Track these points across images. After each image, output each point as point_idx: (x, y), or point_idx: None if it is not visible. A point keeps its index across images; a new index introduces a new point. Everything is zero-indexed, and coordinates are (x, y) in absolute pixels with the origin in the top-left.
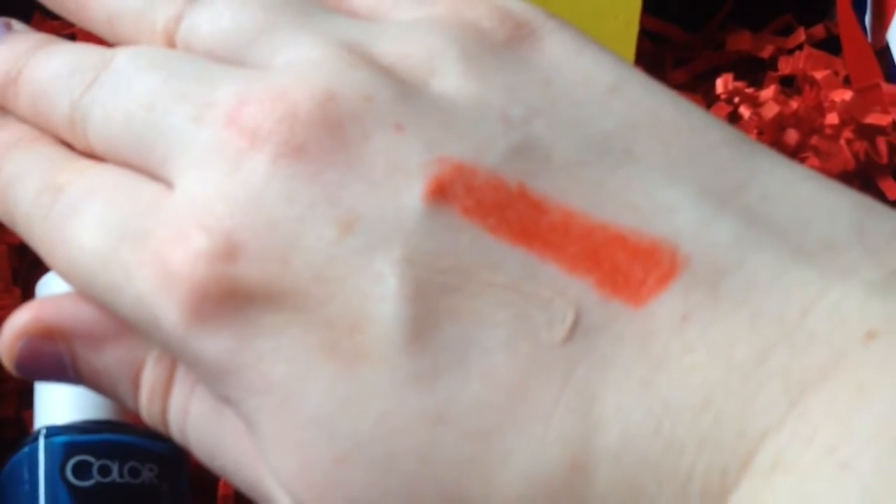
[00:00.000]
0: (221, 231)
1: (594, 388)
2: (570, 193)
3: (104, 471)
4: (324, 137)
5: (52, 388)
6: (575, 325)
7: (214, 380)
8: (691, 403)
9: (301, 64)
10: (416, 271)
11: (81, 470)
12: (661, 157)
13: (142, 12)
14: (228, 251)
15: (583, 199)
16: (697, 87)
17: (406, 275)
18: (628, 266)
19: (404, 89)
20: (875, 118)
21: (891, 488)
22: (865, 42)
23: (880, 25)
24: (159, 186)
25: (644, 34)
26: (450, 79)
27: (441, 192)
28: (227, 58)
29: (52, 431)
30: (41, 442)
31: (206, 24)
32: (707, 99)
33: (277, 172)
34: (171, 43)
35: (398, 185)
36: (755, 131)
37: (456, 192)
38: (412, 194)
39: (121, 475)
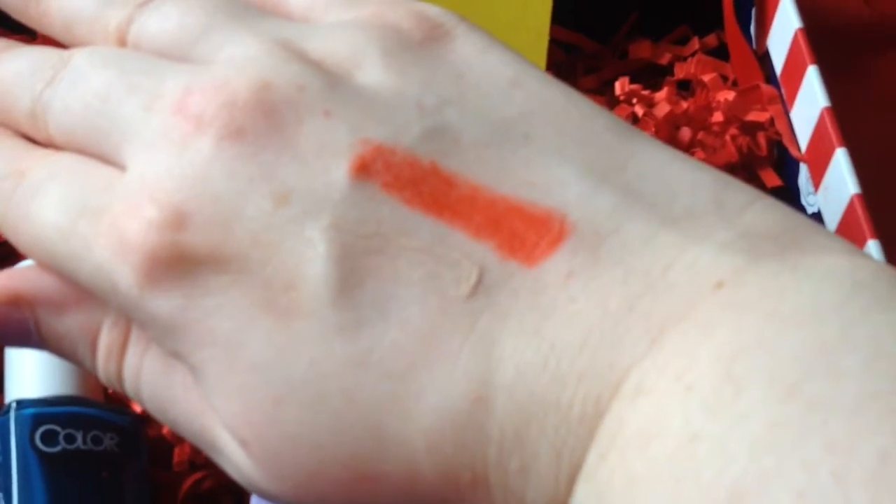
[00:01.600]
0: (170, 203)
1: (494, 335)
2: (477, 171)
3: (69, 439)
4: (261, 121)
5: (22, 367)
6: (478, 282)
7: (166, 336)
8: (572, 344)
9: (240, 59)
10: (343, 237)
11: (49, 438)
12: (554, 140)
13: (95, 17)
14: (177, 221)
15: (487, 175)
16: (605, 92)
17: (333, 240)
18: (524, 232)
19: (332, 80)
20: (755, 115)
21: (724, 402)
22: (748, 49)
23: (762, 33)
24: (114, 169)
25: (557, 44)
26: (372, 72)
27: (364, 169)
28: (174, 55)
29: (22, 404)
30: (12, 414)
31: (154, 26)
32: (610, 102)
33: (220, 152)
34: (122, 43)
35: (327, 163)
36: (652, 129)
37: (377, 169)
38: (339, 171)
39: (84, 443)
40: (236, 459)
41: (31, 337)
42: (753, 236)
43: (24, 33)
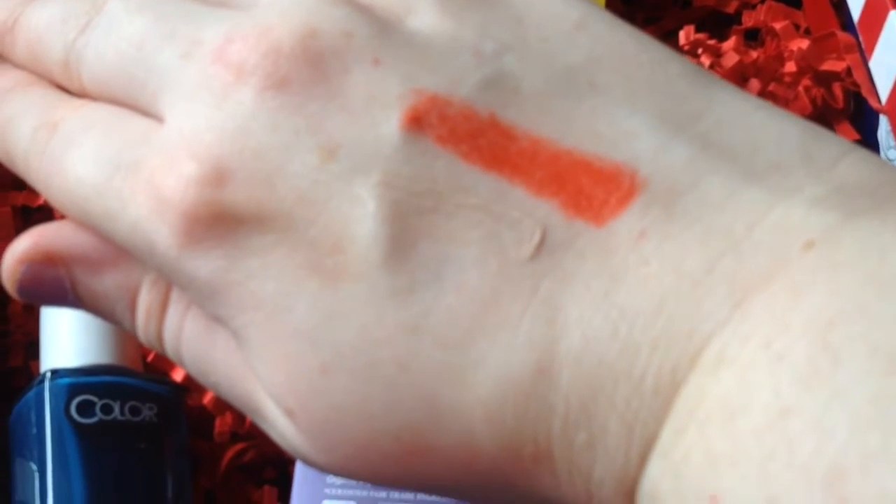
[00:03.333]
0: (210, 159)
1: (558, 300)
2: (538, 122)
3: (106, 409)
4: (306, 71)
5: (57, 336)
6: (541, 243)
7: (206, 299)
8: (645, 309)
9: (283, 3)
10: (394, 194)
11: (85, 408)
12: (623, 89)
13: None
14: (217, 177)
15: (549, 127)
16: (667, 43)
17: (384, 197)
18: (591, 188)
19: (382, 26)
20: (831, 65)
21: (818, 373)
22: None
23: None
24: (150, 121)
25: None
26: (425, 17)
27: (417, 122)
28: (215, 0)
29: (57, 374)
30: (46, 384)
31: None
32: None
33: (263, 104)
34: None
35: (376, 115)
36: None
37: (431, 121)
38: (390, 124)
39: (122, 413)
40: (282, 428)
41: (66, 296)
42: (847, 191)
43: None
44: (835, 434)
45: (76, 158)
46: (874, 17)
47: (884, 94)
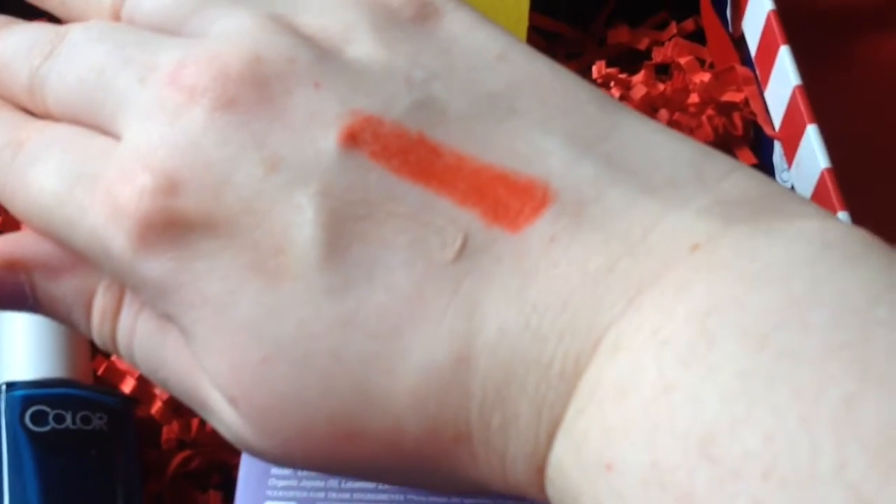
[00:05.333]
0: (163, 171)
1: (478, 297)
2: (463, 141)
3: (59, 419)
4: (252, 92)
5: (12, 350)
6: (463, 247)
7: (158, 298)
8: (554, 304)
9: (233, 32)
10: (331, 202)
11: (39, 418)
12: (538, 112)
13: None
14: (170, 187)
15: (473, 145)
16: (585, 77)
17: (322, 205)
18: (508, 199)
19: (323, 53)
20: (731, 96)
21: (696, 354)
22: (724, 32)
23: (738, 17)
24: (109, 139)
25: (536, 32)
26: (362, 46)
27: (352, 139)
28: (168, 29)
29: (13, 386)
30: (3, 395)
31: (148, 1)
32: None
33: (212, 122)
34: (117, 18)
35: (316, 132)
36: None
37: (365, 138)
38: (328, 140)
39: (74, 422)
40: (226, 417)
41: (26, 300)
42: (730, 203)
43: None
44: (708, 405)
45: (39, 172)
46: (768, 52)
47: (777, 121)
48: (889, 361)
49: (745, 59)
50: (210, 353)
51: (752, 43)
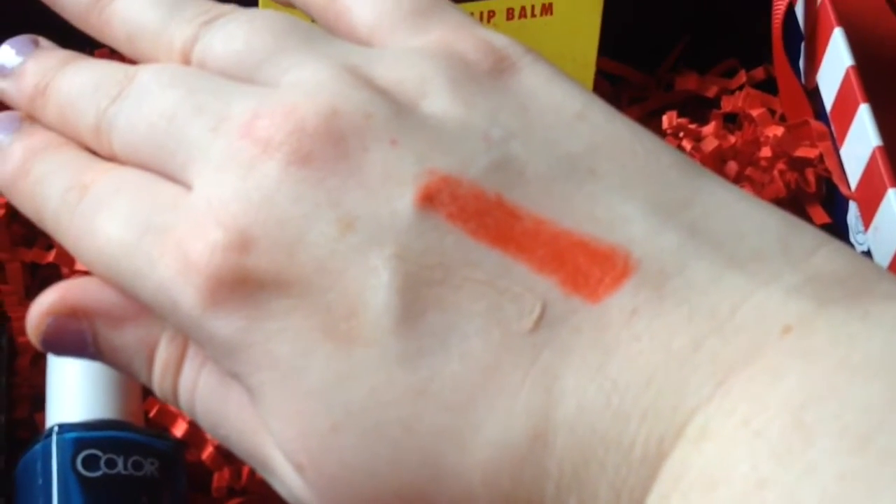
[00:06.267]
0: (236, 226)
1: (556, 370)
2: (541, 204)
3: (110, 463)
4: (328, 148)
5: (63, 391)
6: (541, 316)
7: (225, 356)
8: (636, 382)
9: (308, 83)
10: (406, 266)
11: (90, 462)
12: (619, 176)
13: (160, 32)
14: (242, 244)
15: (552, 209)
16: (649, 124)
17: (397, 269)
18: (588, 267)
19: (399, 109)
20: (804, 151)
21: (793, 450)
22: (797, 83)
23: (812, 68)
24: (179, 188)
25: (602, 76)
26: (439, 102)
27: (429, 200)
28: (239, 76)
29: (64, 428)
30: (54, 438)
31: (220, 45)
32: (656, 134)
33: (287, 177)
34: (187, 61)
35: (392, 191)
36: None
37: (442, 199)
38: (404, 200)
39: (125, 468)
40: (290, 482)
41: (87, 348)
42: (821, 281)
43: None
44: None
45: (106, 219)
46: (845, 109)
47: (853, 180)
48: None
49: (819, 111)
50: (277, 416)
51: (828, 97)
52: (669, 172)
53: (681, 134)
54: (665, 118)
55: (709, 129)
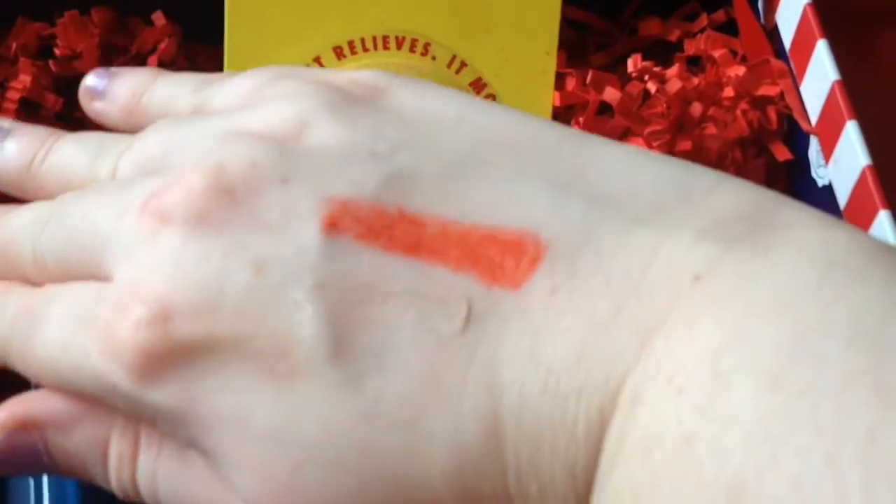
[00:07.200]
0: (155, 298)
1: (492, 365)
2: (442, 206)
3: None
4: (222, 201)
5: None
6: (468, 315)
7: (175, 425)
8: (568, 361)
9: (196, 156)
10: (328, 293)
11: None
12: (511, 162)
13: (89, 172)
14: (164, 314)
15: (453, 208)
16: (616, 69)
17: (320, 298)
18: (502, 257)
19: (283, 148)
20: (765, 90)
21: (714, 400)
22: (757, 24)
23: (770, 8)
24: (103, 282)
25: (568, 24)
26: (320, 129)
27: (334, 226)
28: (148, 174)
29: None
30: None
31: (127, 165)
32: (622, 78)
33: (190, 238)
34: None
35: (295, 226)
36: (664, 105)
37: (347, 223)
38: (310, 232)
39: None
40: None
41: (41, 460)
42: (723, 220)
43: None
44: (732, 453)
45: (43, 328)
46: (804, 46)
47: (813, 116)
48: None
49: (779, 51)
50: (238, 470)
51: (787, 36)
52: (559, 146)
53: (646, 77)
54: (630, 61)
55: (672, 71)
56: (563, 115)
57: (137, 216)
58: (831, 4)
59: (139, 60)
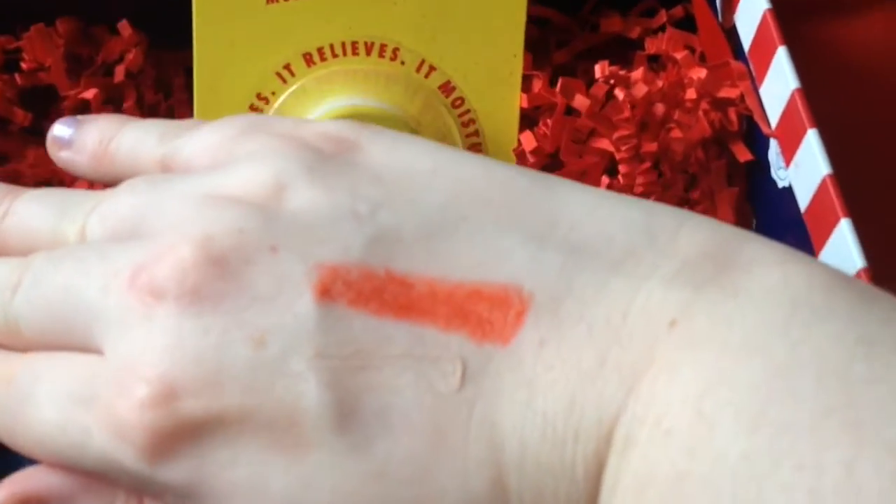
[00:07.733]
0: (157, 377)
1: (491, 418)
2: (428, 264)
3: None
4: (214, 274)
5: None
6: (464, 373)
7: (186, 500)
8: (561, 408)
9: (177, 224)
10: (328, 363)
11: None
12: (488, 214)
13: (54, 232)
14: (168, 393)
15: (438, 266)
16: (577, 67)
17: (321, 368)
18: (489, 313)
19: (267, 213)
20: (726, 92)
21: (700, 441)
22: (716, 23)
23: (729, 9)
24: (92, 356)
25: (529, 20)
26: (299, 192)
27: (327, 293)
28: (123, 238)
29: None
30: None
31: (97, 227)
32: (586, 78)
33: (186, 315)
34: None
35: (289, 295)
36: (629, 107)
37: (338, 289)
38: (304, 300)
39: None
40: None
41: None
42: (691, 262)
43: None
44: (721, 490)
45: (34, 407)
46: (763, 50)
47: (774, 119)
48: (876, 419)
49: (737, 50)
50: None
51: (746, 37)
52: (529, 194)
53: (612, 81)
54: (598, 67)
55: (637, 74)
56: (530, 116)
57: (126, 291)
58: (790, 4)
59: (106, 70)
